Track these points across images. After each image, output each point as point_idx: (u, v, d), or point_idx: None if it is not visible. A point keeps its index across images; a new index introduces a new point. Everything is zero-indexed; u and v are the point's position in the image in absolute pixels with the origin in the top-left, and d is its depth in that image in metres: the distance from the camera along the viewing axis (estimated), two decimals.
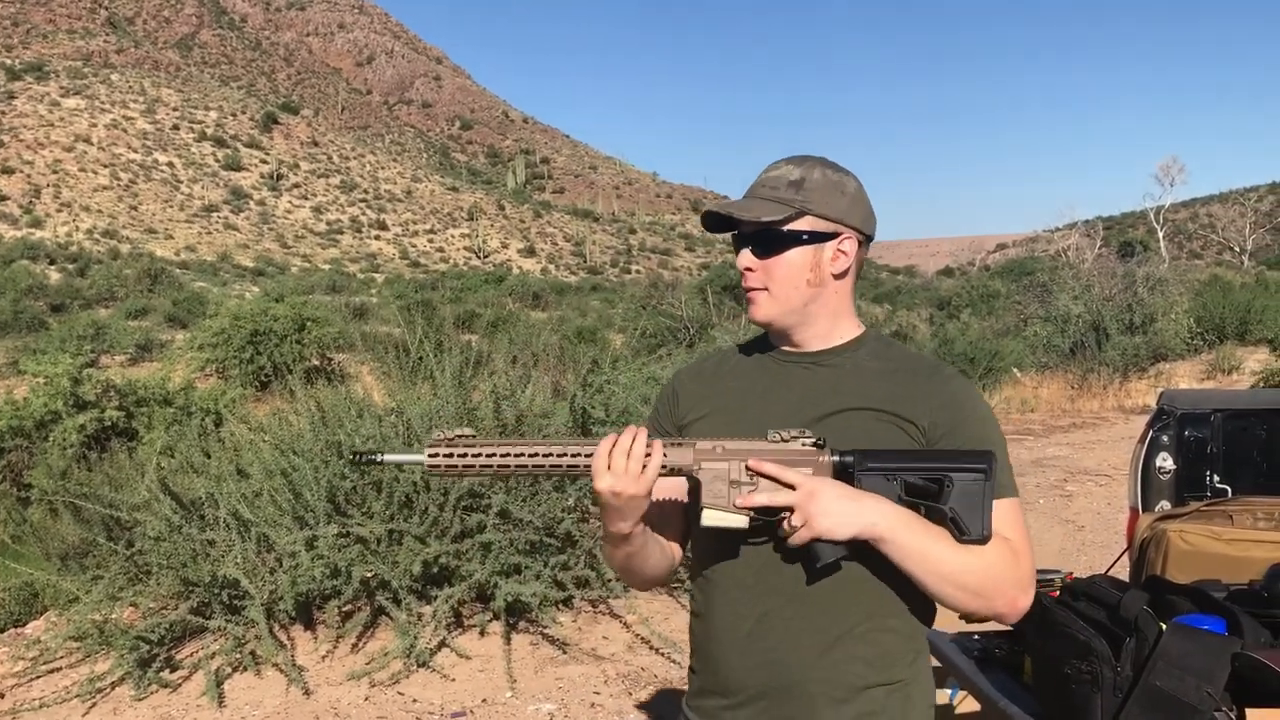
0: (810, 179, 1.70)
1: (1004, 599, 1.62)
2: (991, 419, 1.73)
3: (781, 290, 1.71)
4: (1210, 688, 2.02)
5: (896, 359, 1.75)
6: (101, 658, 5.07)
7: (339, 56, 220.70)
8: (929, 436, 1.66)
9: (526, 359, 8.42)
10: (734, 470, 1.58)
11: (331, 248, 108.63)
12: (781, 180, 1.70)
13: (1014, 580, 1.62)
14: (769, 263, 1.70)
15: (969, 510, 1.57)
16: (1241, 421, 3.34)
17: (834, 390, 1.70)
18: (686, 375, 1.89)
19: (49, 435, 10.90)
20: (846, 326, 1.76)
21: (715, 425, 1.73)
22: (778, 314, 1.72)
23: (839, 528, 1.54)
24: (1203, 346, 20.46)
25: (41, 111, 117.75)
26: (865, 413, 1.67)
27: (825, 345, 1.75)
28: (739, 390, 1.77)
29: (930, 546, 1.58)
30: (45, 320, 34.21)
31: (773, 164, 1.75)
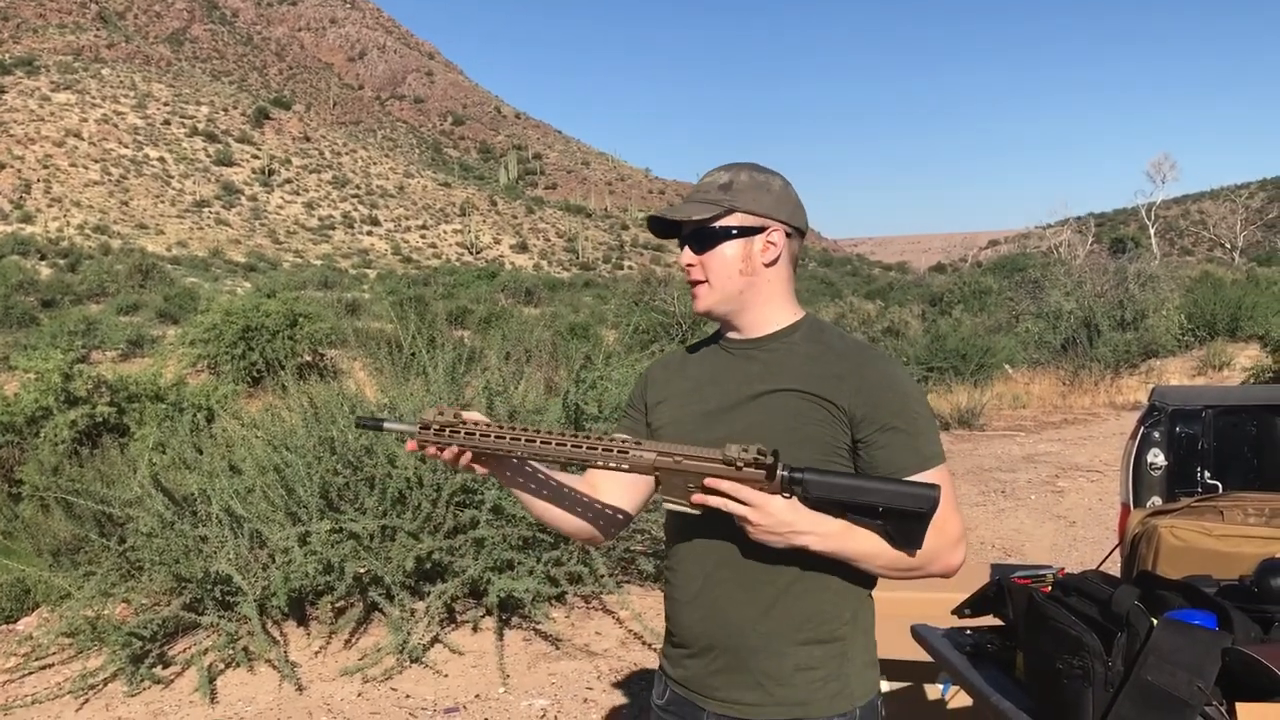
0: (737, 181, 1.88)
1: (938, 565, 1.79)
2: (915, 395, 1.85)
3: (718, 281, 1.88)
4: (1201, 682, 2.03)
5: (826, 342, 1.89)
6: (94, 654, 5.06)
7: (331, 51, 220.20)
8: (850, 416, 1.79)
9: (519, 355, 8.41)
10: (691, 481, 1.72)
11: (323, 243, 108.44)
12: (713, 185, 1.89)
13: (945, 545, 1.78)
14: (705, 257, 1.88)
15: (903, 533, 1.72)
16: (1232, 418, 3.35)
17: (767, 373, 1.86)
18: (658, 365, 2.10)
19: (40, 431, 10.86)
20: (783, 313, 1.92)
21: (672, 409, 1.95)
22: (715, 302, 1.90)
23: (775, 543, 1.72)
24: (1194, 343, 20.52)
25: (32, 106, 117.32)
26: (791, 394, 1.82)
27: (764, 332, 1.91)
28: (693, 377, 1.96)
29: (863, 550, 1.75)
30: (36, 316, 34.13)
31: (707, 172, 1.92)
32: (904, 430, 1.80)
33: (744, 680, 1.85)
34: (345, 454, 5.47)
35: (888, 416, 1.79)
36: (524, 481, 1.92)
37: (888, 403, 1.80)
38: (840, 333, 1.96)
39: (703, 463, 1.72)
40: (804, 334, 1.91)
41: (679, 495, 1.74)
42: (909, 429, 1.80)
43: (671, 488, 1.74)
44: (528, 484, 1.92)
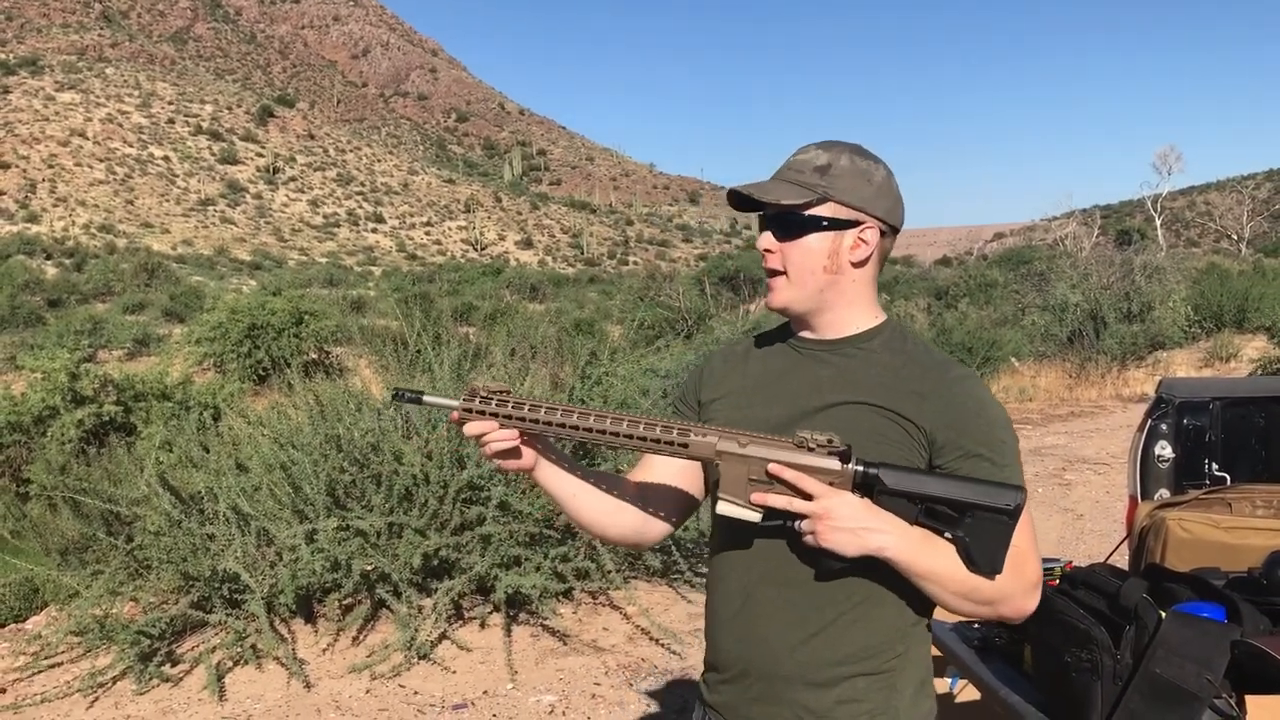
0: (836, 165, 1.67)
1: (1010, 606, 1.61)
2: (1001, 421, 1.67)
3: (798, 275, 1.70)
4: (1210, 675, 2.02)
5: (909, 353, 1.71)
6: (103, 652, 5.07)
7: (334, 49, 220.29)
8: (931, 439, 1.63)
9: (525, 351, 8.41)
10: (753, 468, 1.57)
11: (328, 241, 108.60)
12: (808, 164, 1.68)
13: (1021, 588, 1.60)
14: (787, 246, 1.69)
15: (983, 546, 1.55)
16: (1240, 409, 3.34)
17: (841, 381, 1.69)
18: (717, 356, 1.91)
19: (47, 430, 10.88)
20: (865, 316, 1.74)
21: (727, 410, 1.76)
22: (792, 299, 1.72)
23: (847, 546, 1.54)
24: (1200, 334, 20.48)
25: (37, 106, 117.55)
26: (866, 407, 1.65)
27: (840, 334, 1.73)
28: (755, 374, 1.79)
29: (939, 567, 1.57)
30: (42, 315, 34.20)
31: (802, 147, 1.72)
32: (988, 460, 1.62)
33: (781, 713, 1.69)
34: (352, 451, 5.48)
35: (971, 443, 1.62)
36: (563, 476, 1.76)
37: (973, 428, 1.63)
38: (925, 344, 1.77)
39: (771, 448, 1.57)
40: (885, 341, 1.73)
41: (738, 493, 1.58)
42: (993, 459, 1.62)
43: (731, 482, 1.58)
44: (566, 479, 1.76)
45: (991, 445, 1.63)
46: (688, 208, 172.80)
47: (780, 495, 1.56)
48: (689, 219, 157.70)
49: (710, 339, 13.80)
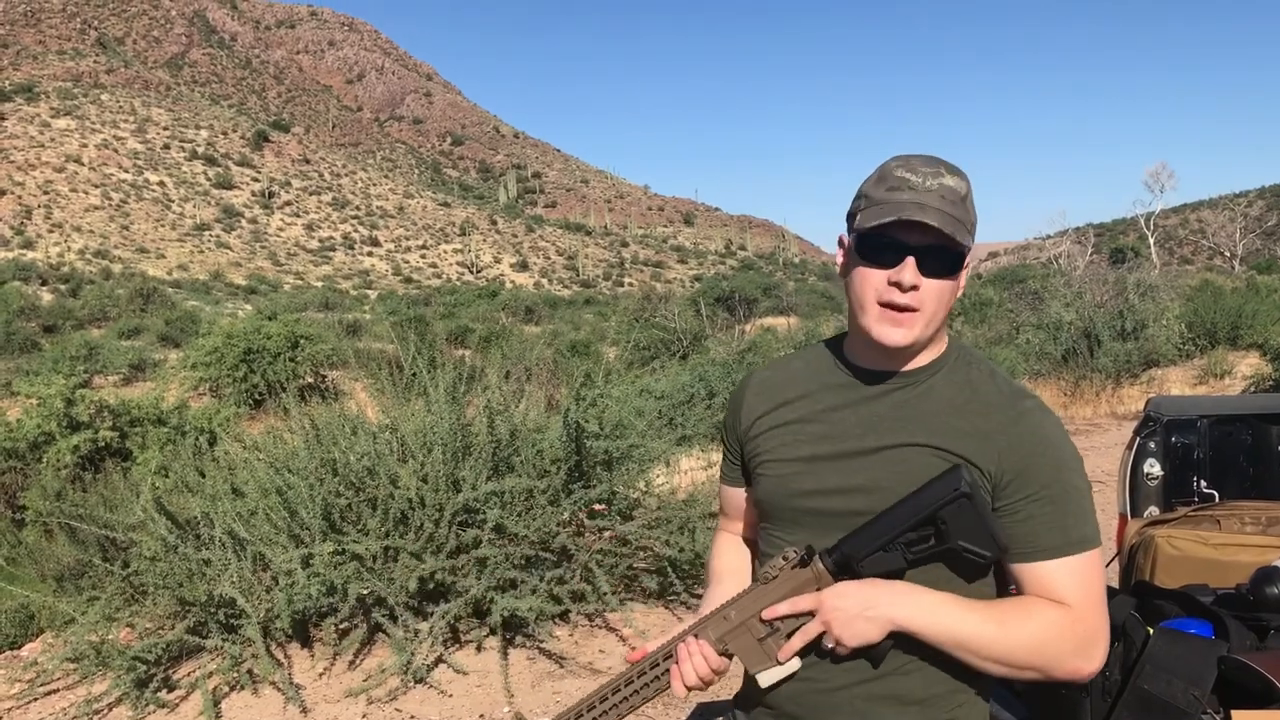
0: (970, 195, 1.56)
1: (1063, 668, 1.51)
2: (1070, 457, 1.56)
3: (935, 316, 1.56)
4: (1197, 690, 2.04)
5: (974, 385, 1.60)
6: (99, 679, 5.07)
7: (329, 74, 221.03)
8: (996, 481, 1.53)
9: (520, 373, 8.44)
10: (754, 629, 1.57)
11: (324, 265, 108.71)
12: (956, 192, 1.54)
13: (1071, 649, 1.50)
14: (935, 285, 1.54)
15: (973, 536, 1.49)
16: (1228, 427, 3.37)
17: (899, 419, 1.59)
18: (752, 388, 1.79)
19: (43, 456, 10.89)
20: (937, 345, 1.64)
21: (773, 444, 1.69)
22: (919, 337, 1.57)
23: (869, 631, 1.50)
24: (1194, 352, 20.51)
25: (32, 132, 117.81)
26: (926, 450, 1.55)
27: (910, 366, 1.62)
28: (802, 407, 1.68)
29: (964, 630, 1.50)
30: (38, 341, 34.15)
31: (919, 165, 1.55)
32: (1053, 502, 1.52)
33: None
34: (347, 475, 5.49)
35: (1036, 486, 1.51)
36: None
37: (1039, 469, 1.52)
38: (991, 369, 1.65)
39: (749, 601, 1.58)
40: (948, 372, 1.62)
41: (762, 658, 1.57)
42: (1059, 502, 1.52)
43: (750, 653, 1.59)
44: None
45: (1058, 487, 1.53)
46: (683, 229, 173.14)
47: (796, 637, 1.54)
48: (684, 240, 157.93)
49: (705, 359, 13.83)
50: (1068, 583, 1.52)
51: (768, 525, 1.72)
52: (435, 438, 5.53)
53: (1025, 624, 1.50)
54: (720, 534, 1.96)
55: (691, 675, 1.58)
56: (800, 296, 56.57)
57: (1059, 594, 1.52)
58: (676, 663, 1.60)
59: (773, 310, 47.76)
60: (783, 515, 1.66)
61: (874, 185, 1.57)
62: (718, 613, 1.60)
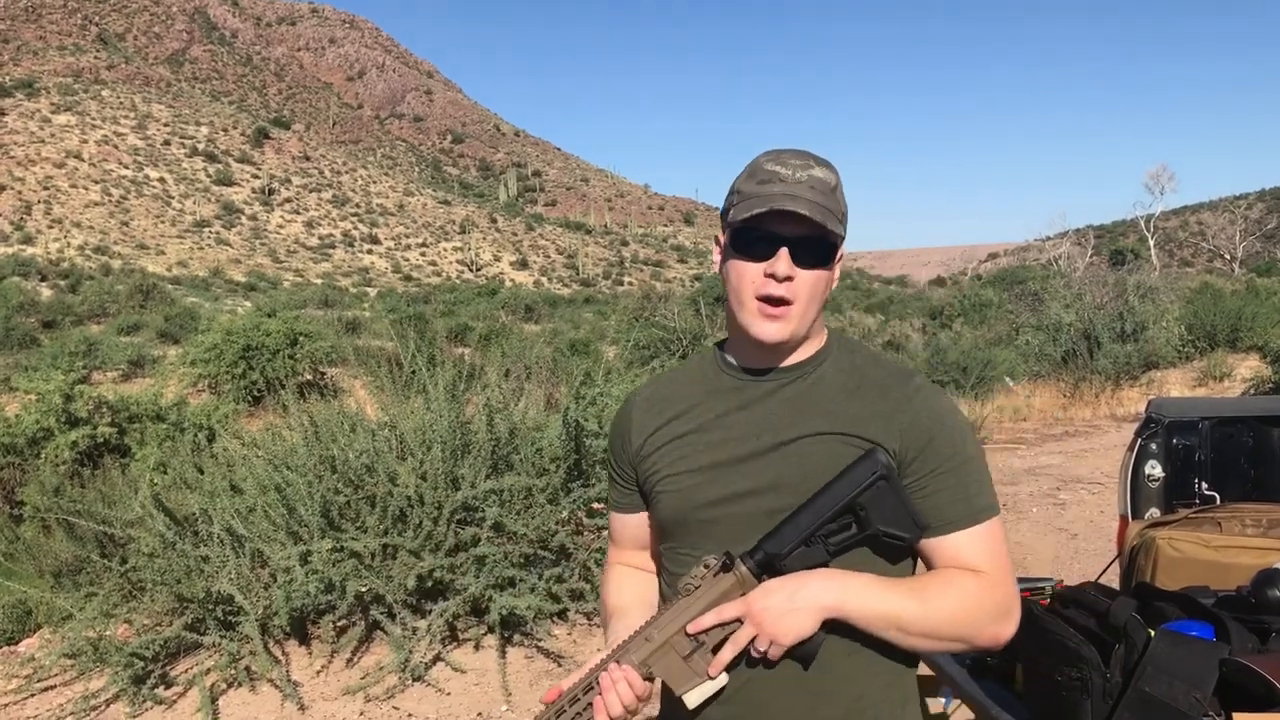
0: (839, 185, 1.56)
1: (983, 635, 1.53)
2: (966, 430, 1.59)
3: (810, 308, 1.55)
4: (1199, 693, 2.03)
5: (861, 370, 1.61)
6: (96, 675, 5.06)
7: (330, 71, 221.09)
8: (900, 459, 1.53)
9: (520, 372, 8.42)
10: (679, 646, 1.51)
11: (324, 262, 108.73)
12: (825, 183, 1.54)
13: (991, 613, 1.52)
14: (809, 275, 1.54)
15: (893, 519, 1.50)
16: (1229, 429, 3.36)
17: (795, 412, 1.58)
18: (638, 405, 1.74)
19: (41, 452, 10.88)
20: (817, 338, 1.64)
21: (669, 460, 1.64)
22: (797, 330, 1.56)
23: (800, 625, 1.47)
24: (1194, 354, 20.53)
25: (32, 128, 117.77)
26: (830, 438, 1.54)
27: (795, 359, 1.62)
28: (693, 417, 1.64)
29: (891, 607, 1.49)
30: (37, 337, 34.12)
31: (789, 158, 1.55)
32: (955, 475, 1.54)
33: None
34: (346, 472, 5.48)
35: (938, 460, 1.53)
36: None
37: (940, 443, 1.54)
38: (874, 355, 1.67)
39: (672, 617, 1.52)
40: (833, 361, 1.62)
41: (688, 677, 1.50)
42: (961, 473, 1.54)
43: (674, 673, 1.51)
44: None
45: (958, 460, 1.55)
46: (683, 228, 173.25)
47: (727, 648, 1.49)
48: (684, 239, 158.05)
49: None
50: (978, 551, 1.54)
51: (674, 544, 1.66)
52: (434, 436, 5.52)
53: (947, 595, 1.51)
54: (613, 567, 1.89)
55: (616, 705, 1.51)
56: None
57: (972, 563, 1.54)
58: (599, 694, 1.53)
59: None
60: (690, 529, 1.61)
61: (745, 180, 1.56)
62: (638, 635, 1.53)
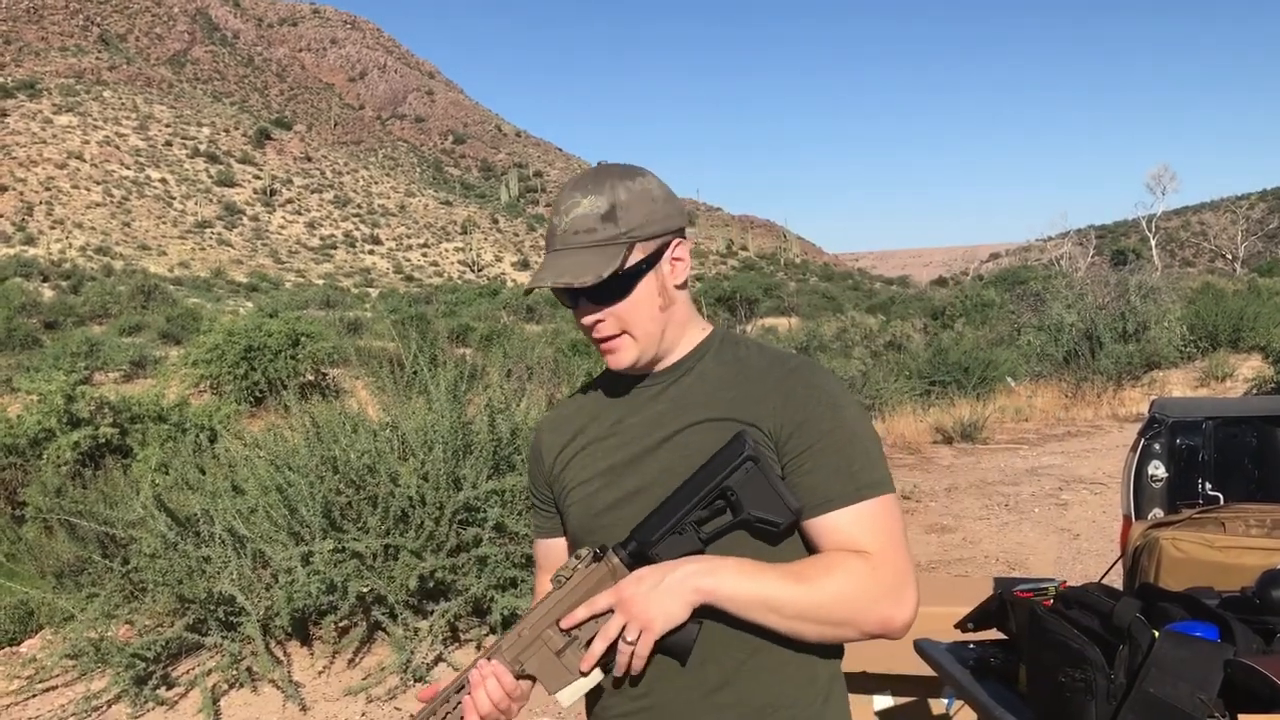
0: (618, 201, 1.52)
1: (870, 619, 1.44)
2: (848, 406, 1.53)
3: (641, 329, 1.55)
4: (1204, 694, 2.03)
5: (741, 359, 1.60)
6: (98, 676, 5.06)
7: (331, 72, 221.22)
8: (777, 438, 1.49)
9: (521, 372, 8.43)
10: (551, 641, 1.46)
11: (325, 263, 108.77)
12: (590, 216, 1.52)
13: (876, 595, 1.44)
14: (618, 309, 1.54)
15: (764, 503, 1.44)
16: (1233, 429, 3.35)
17: (678, 407, 1.57)
18: (546, 427, 1.75)
19: (43, 453, 10.87)
20: (693, 333, 1.62)
21: (573, 471, 1.63)
22: (641, 353, 1.57)
23: (670, 611, 1.41)
24: (1196, 354, 20.52)
25: (34, 129, 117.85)
26: (708, 424, 1.52)
27: (674, 359, 1.61)
28: (592, 430, 1.65)
29: (765, 590, 1.42)
30: (39, 338, 34.18)
31: (565, 198, 1.55)
32: (837, 451, 1.48)
33: None
34: (348, 473, 5.48)
35: (815, 435, 1.48)
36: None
37: (817, 418, 1.49)
38: (758, 345, 1.65)
39: (542, 610, 1.47)
40: (715, 354, 1.61)
41: (562, 674, 1.46)
42: (843, 449, 1.48)
43: (546, 671, 1.47)
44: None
45: (837, 435, 1.49)
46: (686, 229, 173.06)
47: (598, 639, 1.43)
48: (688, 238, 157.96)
49: None
50: (864, 529, 1.46)
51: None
52: (436, 436, 5.52)
53: (828, 576, 1.43)
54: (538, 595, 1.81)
55: (485, 703, 1.46)
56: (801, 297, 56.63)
57: (857, 543, 1.46)
58: (470, 692, 1.48)
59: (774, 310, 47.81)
60: (594, 536, 1.57)
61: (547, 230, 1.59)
62: (511, 632, 1.48)
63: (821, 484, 1.47)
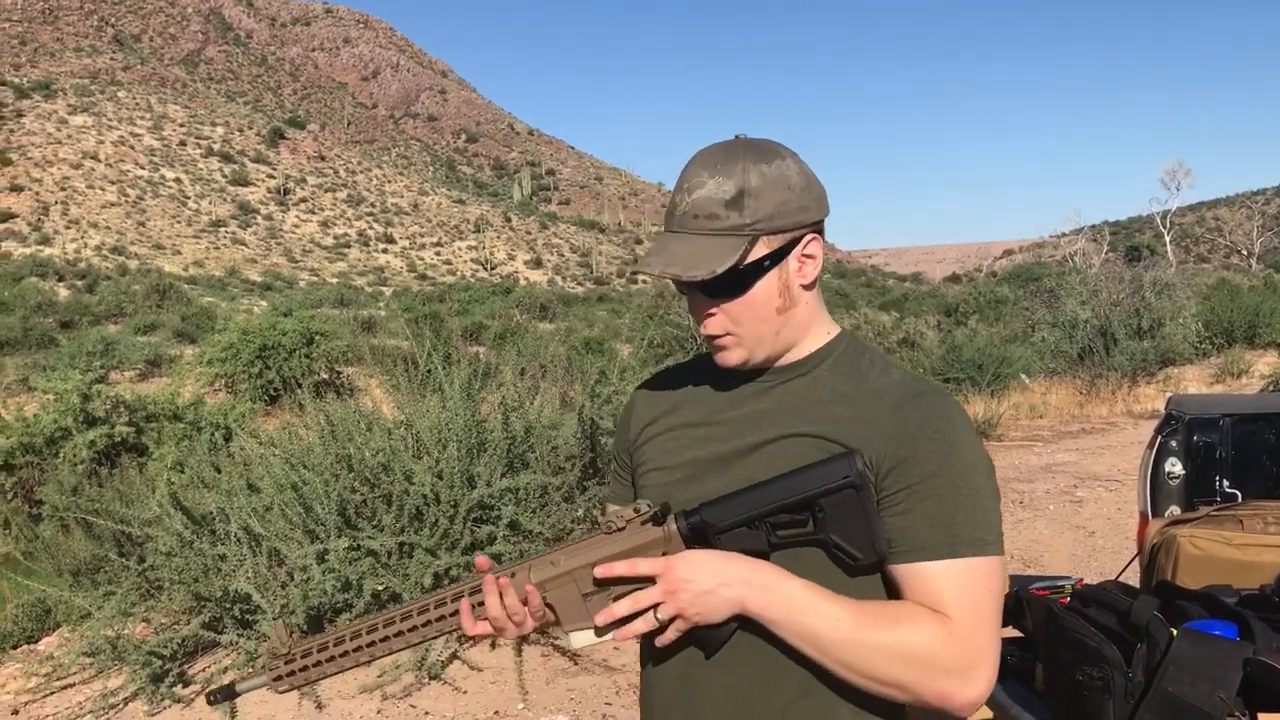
0: (749, 187, 1.36)
1: (929, 690, 1.29)
2: (971, 453, 1.36)
3: (751, 330, 1.42)
4: (1223, 693, 2.02)
5: (862, 373, 1.45)
6: (115, 673, 5.08)
7: (344, 71, 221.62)
8: (878, 470, 1.34)
9: (534, 370, 8.43)
10: (581, 582, 1.36)
11: (339, 261, 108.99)
12: (714, 201, 1.37)
13: (944, 667, 1.28)
14: (731, 306, 1.41)
15: (850, 533, 1.32)
16: (1250, 426, 3.33)
17: (782, 412, 1.44)
18: (642, 395, 1.64)
19: (59, 451, 10.93)
20: (818, 335, 1.48)
21: (655, 451, 1.53)
22: (751, 354, 1.44)
23: (712, 612, 1.32)
24: (1211, 350, 20.41)
25: (49, 129, 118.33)
26: (806, 440, 1.39)
27: (790, 359, 1.47)
28: (688, 412, 1.53)
29: (822, 624, 1.30)
30: (55, 337, 34.33)
31: (690, 175, 1.40)
32: (939, 496, 1.32)
33: None
34: (363, 471, 5.49)
35: (919, 476, 1.32)
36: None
37: (925, 457, 1.33)
38: (886, 361, 1.49)
39: (586, 550, 1.37)
40: (835, 361, 1.46)
41: (580, 616, 1.37)
42: (948, 496, 1.32)
43: (567, 608, 1.37)
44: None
45: (946, 478, 1.33)
46: None
47: (623, 603, 1.33)
48: None
49: None
50: (951, 590, 1.30)
51: None
52: (450, 434, 5.53)
53: (893, 630, 1.29)
54: None
55: (496, 608, 1.36)
56: None
57: (939, 602, 1.30)
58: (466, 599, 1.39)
59: None
60: None
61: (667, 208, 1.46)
62: (545, 556, 1.39)
63: (914, 529, 1.32)
